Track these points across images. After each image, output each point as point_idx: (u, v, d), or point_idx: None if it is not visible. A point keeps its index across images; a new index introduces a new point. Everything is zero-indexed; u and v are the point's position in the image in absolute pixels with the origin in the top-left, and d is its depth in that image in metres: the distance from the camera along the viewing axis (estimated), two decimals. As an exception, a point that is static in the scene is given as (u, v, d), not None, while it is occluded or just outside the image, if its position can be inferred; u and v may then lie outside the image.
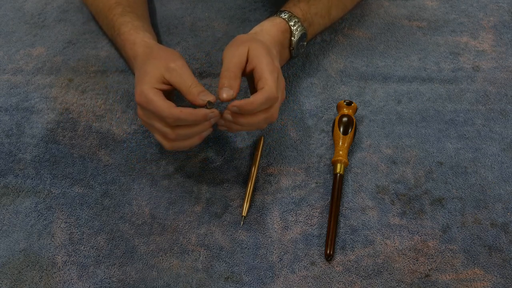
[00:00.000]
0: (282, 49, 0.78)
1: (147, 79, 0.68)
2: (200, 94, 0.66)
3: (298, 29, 0.78)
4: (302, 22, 0.79)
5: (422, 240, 0.70)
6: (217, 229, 0.71)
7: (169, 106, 0.65)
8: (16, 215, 0.73)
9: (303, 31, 0.79)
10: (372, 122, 0.81)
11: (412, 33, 0.91)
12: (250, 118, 0.67)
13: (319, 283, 0.67)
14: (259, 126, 0.70)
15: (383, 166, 0.76)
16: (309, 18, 0.81)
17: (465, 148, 0.78)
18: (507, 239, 0.69)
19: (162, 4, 0.97)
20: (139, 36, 0.76)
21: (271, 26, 0.77)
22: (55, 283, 0.67)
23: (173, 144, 0.69)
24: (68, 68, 0.88)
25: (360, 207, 0.72)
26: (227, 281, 0.67)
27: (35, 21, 0.95)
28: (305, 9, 0.81)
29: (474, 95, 0.83)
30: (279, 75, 0.69)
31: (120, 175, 0.76)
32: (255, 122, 0.68)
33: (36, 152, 0.78)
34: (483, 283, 0.66)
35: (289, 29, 0.78)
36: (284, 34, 0.78)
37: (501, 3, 0.96)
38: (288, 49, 0.80)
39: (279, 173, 0.76)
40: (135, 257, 0.69)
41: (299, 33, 0.78)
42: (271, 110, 0.68)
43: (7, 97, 0.85)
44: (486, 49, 0.89)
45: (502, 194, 0.73)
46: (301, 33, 0.79)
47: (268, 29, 0.76)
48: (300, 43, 0.80)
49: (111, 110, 0.83)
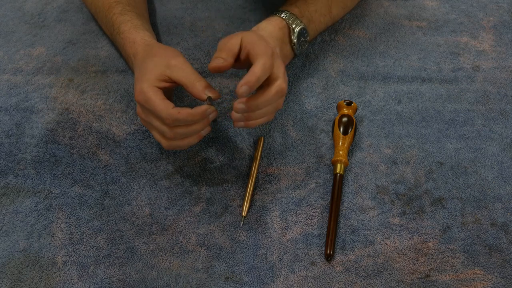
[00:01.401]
0: (283, 45, 0.78)
1: (146, 77, 0.68)
2: (205, 89, 0.67)
3: (296, 24, 0.78)
4: (300, 18, 0.79)
5: (422, 240, 0.70)
6: (217, 229, 0.71)
7: (168, 107, 0.65)
8: (16, 215, 0.73)
9: (302, 25, 0.79)
10: (372, 122, 0.81)
11: (412, 33, 0.91)
12: (260, 110, 0.68)
13: (319, 283, 0.67)
14: (269, 117, 0.70)
15: (383, 166, 0.76)
16: (307, 15, 0.81)
17: (465, 148, 0.78)
18: (507, 239, 0.69)
19: (162, 4, 0.97)
20: (139, 35, 0.77)
21: (268, 24, 0.77)
22: (55, 283, 0.67)
23: (171, 143, 0.69)
24: (68, 68, 0.88)
25: (360, 207, 0.72)
26: (227, 281, 0.67)
27: (35, 21, 0.95)
28: (302, 7, 0.81)
29: (474, 95, 0.83)
30: (277, 58, 0.69)
31: (120, 175, 0.76)
32: (265, 112, 0.69)
33: (36, 152, 0.78)
34: (483, 283, 0.66)
35: (287, 25, 0.78)
36: (282, 30, 0.77)
37: (501, 3, 0.96)
38: (289, 45, 0.79)
39: (279, 173, 0.76)
40: (135, 257, 0.69)
41: (297, 28, 0.78)
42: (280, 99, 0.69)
43: (7, 97, 0.85)
44: (486, 49, 0.89)
45: (502, 194, 0.73)
46: (300, 27, 0.78)
47: (265, 26, 0.77)
48: (301, 38, 0.80)
49: (111, 110, 0.83)
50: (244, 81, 0.64)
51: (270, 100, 0.67)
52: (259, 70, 0.65)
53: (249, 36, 0.69)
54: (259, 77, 0.65)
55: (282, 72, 0.68)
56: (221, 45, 0.69)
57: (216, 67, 0.67)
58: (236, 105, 0.67)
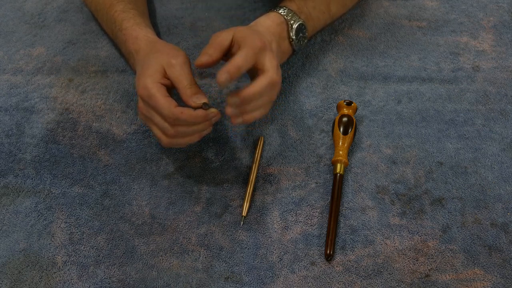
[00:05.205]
0: (281, 41, 0.77)
1: (150, 72, 0.68)
2: (193, 96, 0.67)
3: (294, 19, 0.78)
4: (299, 14, 0.79)
5: (422, 240, 0.70)
6: (217, 229, 0.71)
7: (171, 105, 0.65)
8: (16, 215, 0.73)
9: (300, 21, 0.78)
10: (372, 122, 0.81)
11: (412, 33, 0.91)
12: (254, 102, 0.68)
13: (319, 283, 0.67)
14: (265, 109, 0.70)
15: (383, 166, 0.76)
16: (305, 11, 0.81)
17: (465, 148, 0.78)
18: (507, 239, 0.69)
19: (162, 4, 0.97)
20: (141, 32, 0.77)
21: (266, 19, 0.77)
22: (55, 283, 0.67)
23: (171, 141, 0.69)
24: (68, 68, 0.88)
25: (360, 207, 0.72)
26: (227, 281, 0.67)
27: (35, 21, 0.95)
28: (301, 3, 0.80)
29: (474, 95, 0.83)
30: (268, 52, 0.69)
31: (120, 175, 0.76)
32: (260, 105, 0.68)
33: (36, 152, 0.78)
34: (483, 283, 0.66)
35: (285, 21, 0.78)
36: (280, 26, 0.77)
37: (501, 3, 0.96)
38: (287, 40, 0.79)
39: (279, 173, 0.76)
40: (135, 257, 0.69)
41: (296, 23, 0.78)
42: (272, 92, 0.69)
43: (7, 97, 0.85)
44: (486, 49, 0.89)
45: (502, 194, 0.73)
46: (298, 23, 0.78)
47: (263, 21, 0.77)
48: (299, 34, 0.80)
49: (111, 110, 0.83)
50: (225, 69, 0.64)
51: (262, 92, 0.67)
52: (240, 59, 0.65)
53: (242, 31, 0.69)
54: (239, 66, 0.65)
55: (275, 65, 0.68)
56: (211, 39, 0.69)
57: (200, 63, 0.67)
58: (230, 99, 0.66)
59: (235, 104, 0.66)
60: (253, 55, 0.66)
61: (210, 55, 0.67)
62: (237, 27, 0.70)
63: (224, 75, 0.64)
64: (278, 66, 0.70)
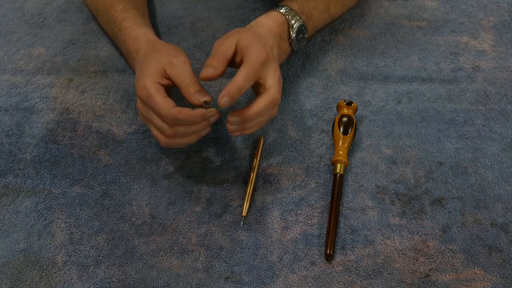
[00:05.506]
0: (281, 41, 0.77)
1: (149, 72, 0.68)
2: (196, 93, 0.67)
3: (295, 20, 0.78)
4: (300, 14, 0.79)
5: (422, 240, 0.70)
6: (217, 229, 0.71)
7: (169, 105, 0.65)
8: (16, 215, 0.73)
9: (301, 22, 0.78)
10: (372, 122, 0.81)
11: (412, 33, 0.91)
12: (255, 121, 0.68)
13: (319, 283, 0.67)
14: (265, 124, 0.71)
15: (383, 166, 0.76)
16: (306, 11, 0.80)
17: (465, 148, 0.78)
18: (507, 239, 0.69)
19: (162, 4, 0.97)
20: (141, 32, 0.77)
21: (266, 19, 0.77)
22: (55, 283, 0.67)
23: (169, 141, 0.69)
24: (68, 68, 0.88)
25: (360, 207, 0.72)
26: (227, 281, 0.67)
27: (35, 21, 0.95)
28: (302, 3, 0.80)
29: (474, 95, 0.83)
30: (271, 63, 0.69)
31: (120, 175, 0.76)
32: (260, 122, 0.69)
33: (36, 152, 0.78)
34: (483, 283, 0.66)
35: (286, 21, 0.78)
36: (281, 26, 0.77)
37: (501, 3, 0.96)
38: (287, 41, 0.79)
39: (279, 173, 0.76)
40: (135, 257, 0.69)
41: (296, 24, 0.78)
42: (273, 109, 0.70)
43: (7, 97, 0.85)
44: (486, 49, 0.89)
45: (502, 194, 0.73)
46: (299, 24, 0.78)
47: (263, 21, 0.76)
48: (299, 35, 0.80)
49: (111, 110, 0.83)
50: (225, 91, 0.64)
51: (263, 111, 0.68)
52: (240, 80, 0.65)
53: (245, 38, 0.69)
54: (240, 87, 0.65)
55: (277, 80, 0.69)
56: (215, 49, 0.69)
57: (206, 77, 0.67)
58: (231, 118, 0.67)
59: (236, 122, 0.67)
60: (255, 73, 0.66)
61: (215, 69, 0.67)
62: (241, 32, 0.70)
63: (225, 98, 0.64)
64: (280, 79, 0.70)
